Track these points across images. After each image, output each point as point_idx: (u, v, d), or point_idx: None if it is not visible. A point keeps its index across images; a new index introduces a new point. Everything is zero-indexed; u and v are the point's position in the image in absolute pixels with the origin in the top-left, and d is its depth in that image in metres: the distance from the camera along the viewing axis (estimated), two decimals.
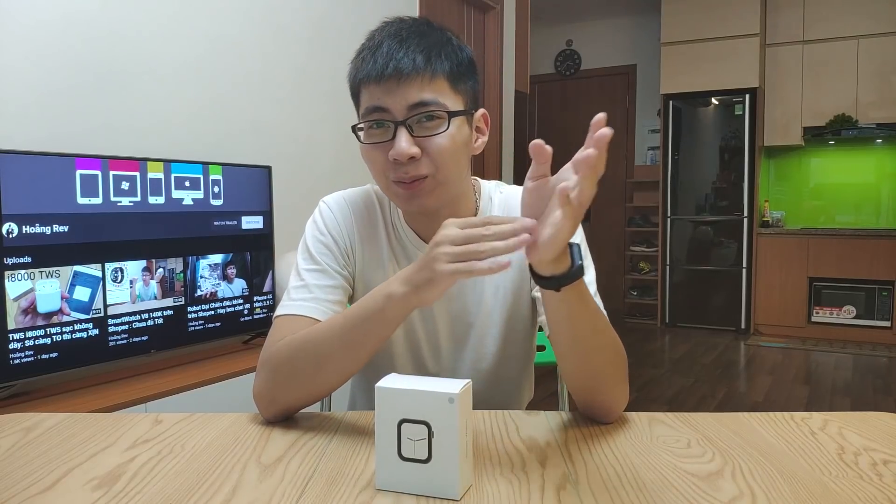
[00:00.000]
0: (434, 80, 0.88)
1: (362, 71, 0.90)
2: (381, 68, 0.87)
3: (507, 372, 1.06)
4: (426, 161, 0.89)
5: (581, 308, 0.79)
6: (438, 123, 0.89)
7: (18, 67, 1.78)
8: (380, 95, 0.88)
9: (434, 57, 0.89)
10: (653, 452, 0.75)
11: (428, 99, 0.87)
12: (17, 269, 1.58)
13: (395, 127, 0.87)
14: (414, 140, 0.88)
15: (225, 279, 2.12)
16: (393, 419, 0.64)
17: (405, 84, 0.87)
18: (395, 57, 0.87)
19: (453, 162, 0.91)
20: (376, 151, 0.90)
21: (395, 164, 0.88)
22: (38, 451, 0.76)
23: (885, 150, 5.34)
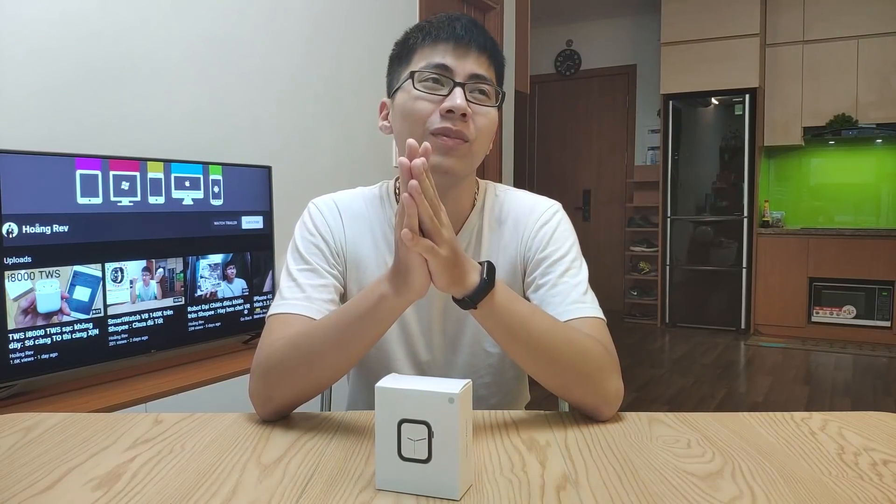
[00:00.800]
0: (490, 64, 0.97)
1: (433, 33, 0.95)
2: (459, 34, 0.94)
3: (503, 373, 1.06)
4: (470, 125, 0.93)
5: (510, 315, 0.83)
6: (487, 99, 0.96)
7: (18, 67, 1.78)
8: (448, 56, 0.93)
9: (495, 49, 0.98)
10: (653, 452, 0.75)
11: (486, 76, 0.95)
12: (17, 269, 1.58)
13: (454, 86, 0.92)
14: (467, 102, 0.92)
15: (225, 279, 2.12)
16: (393, 419, 0.64)
17: (474, 55, 0.94)
18: (472, 31, 0.95)
19: (486, 140, 0.97)
20: (424, 102, 0.93)
21: (447, 117, 0.92)
22: (38, 451, 0.76)
23: (885, 150, 5.34)
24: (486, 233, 1.04)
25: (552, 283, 0.97)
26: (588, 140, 6.45)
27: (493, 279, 0.81)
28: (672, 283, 5.66)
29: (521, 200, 1.06)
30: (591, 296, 0.97)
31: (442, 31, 0.94)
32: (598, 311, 0.95)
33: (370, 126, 3.08)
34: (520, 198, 1.06)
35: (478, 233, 1.04)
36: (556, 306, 0.93)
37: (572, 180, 6.52)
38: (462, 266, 0.78)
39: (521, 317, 0.83)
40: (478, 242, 1.03)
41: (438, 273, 0.76)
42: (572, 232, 1.03)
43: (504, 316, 0.82)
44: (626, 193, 6.27)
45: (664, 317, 5.70)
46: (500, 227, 1.04)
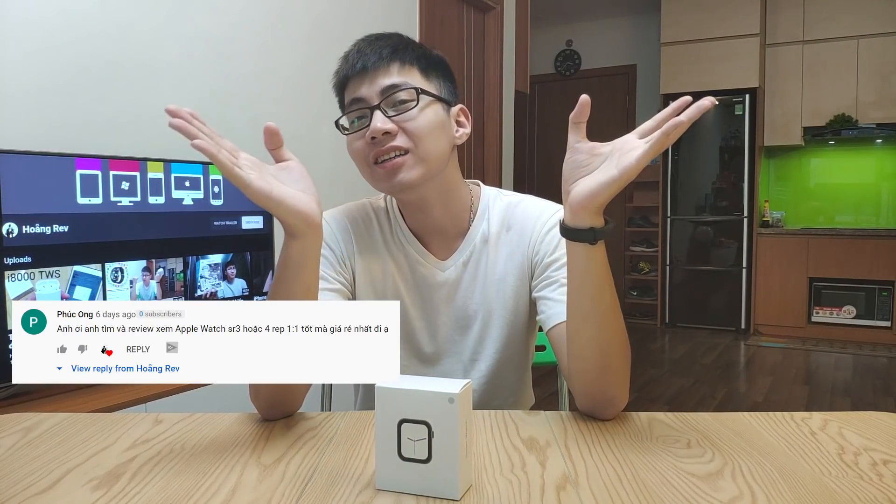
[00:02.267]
0: (403, 68, 0.97)
1: (339, 74, 1.01)
2: (352, 64, 0.98)
3: (506, 376, 1.06)
4: (402, 136, 0.95)
5: (606, 272, 0.82)
6: (409, 103, 0.96)
7: (18, 66, 1.78)
8: (355, 88, 0.98)
9: (401, 49, 0.98)
10: (653, 452, 0.75)
11: (397, 81, 0.96)
12: (17, 269, 1.58)
13: (371, 112, 0.95)
14: (389, 119, 0.94)
15: (225, 279, 2.12)
16: (393, 419, 0.64)
17: (373, 73, 0.96)
18: (364, 53, 0.97)
19: (430, 139, 0.96)
20: (358, 140, 0.97)
21: (374, 143, 0.94)
22: (38, 451, 0.76)
23: (885, 150, 5.34)
24: (494, 239, 1.04)
25: (560, 283, 0.97)
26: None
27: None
28: (672, 283, 5.66)
29: (529, 206, 1.06)
30: None
31: (346, 67, 0.99)
32: None
33: None
34: (527, 204, 1.07)
35: (483, 238, 1.04)
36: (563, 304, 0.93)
37: None
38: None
39: (611, 279, 0.83)
40: (483, 248, 1.04)
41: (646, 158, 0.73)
42: None
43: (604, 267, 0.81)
44: (626, 193, 6.26)
45: (664, 317, 5.70)
46: (508, 233, 1.04)
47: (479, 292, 1.03)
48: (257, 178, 0.81)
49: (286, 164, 0.87)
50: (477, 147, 4.03)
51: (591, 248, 0.79)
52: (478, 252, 1.04)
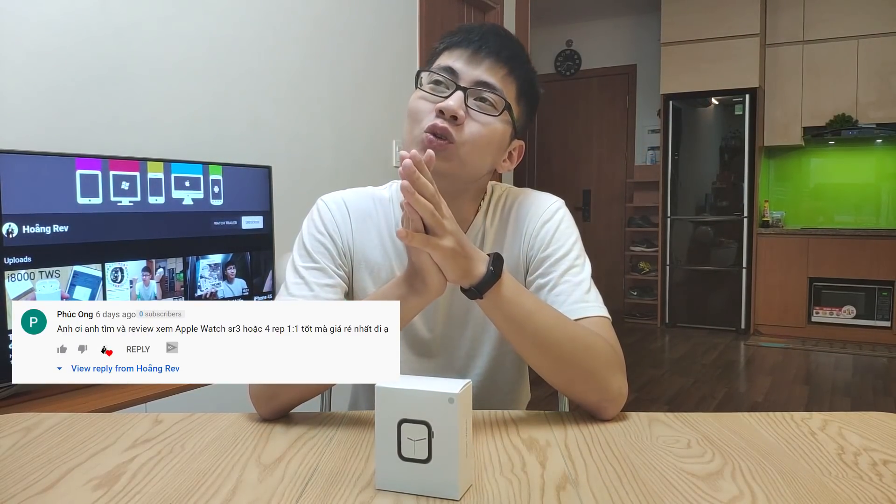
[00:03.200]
0: (507, 78, 0.95)
1: (455, 39, 0.96)
2: (476, 44, 0.94)
3: (503, 374, 1.06)
4: (460, 131, 0.92)
5: (518, 307, 0.84)
6: (490, 109, 0.94)
7: (19, 67, 1.78)
8: (458, 61, 0.94)
9: (516, 60, 0.96)
10: (653, 452, 0.75)
11: (494, 84, 0.93)
12: (17, 269, 1.58)
13: (455, 90, 0.92)
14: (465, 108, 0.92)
15: (225, 279, 2.12)
16: (393, 419, 0.64)
17: (485, 64, 0.94)
18: (490, 42, 0.94)
19: (481, 149, 0.94)
20: (424, 101, 0.94)
21: (434, 116, 0.92)
22: (38, 451, 0.76)
23: (885, 150, 5.34)
24: (490, 233, 1.03)
25: (554, 282, 0.96)
26: (588, 140, 6.45)
27: (499, 270, 0.82)
28: (672, 283, 5.66)
29: (524, 199, 1.05)
30: (595, 294, 0.96)
31: (461, 37, 0.96)
32: (602, 310, 0.94)
33: (370, 126, 3.08)
34: (522, 196, 1.06)
35: (482, 235, 1.04)
36: (559, 306, 0.93)
37: (572, 180, 6.52)
38: (469, 256, 0.81)
39: (527, 310, 0.84)
40: (483, 242, 1.03)
41: (444, 265, 0.79)
42: (574, 229, 1.03)
43: (510, 308, 0.83)
44: (626, 193, 6.27)
45: (664, 317, 5.70)
46: (504, 227, 1.04)
47: None
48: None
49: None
50: None
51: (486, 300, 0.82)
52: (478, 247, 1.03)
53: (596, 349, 0.87)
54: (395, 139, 3.20)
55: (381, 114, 3.12)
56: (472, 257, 0.81)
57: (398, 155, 3.22)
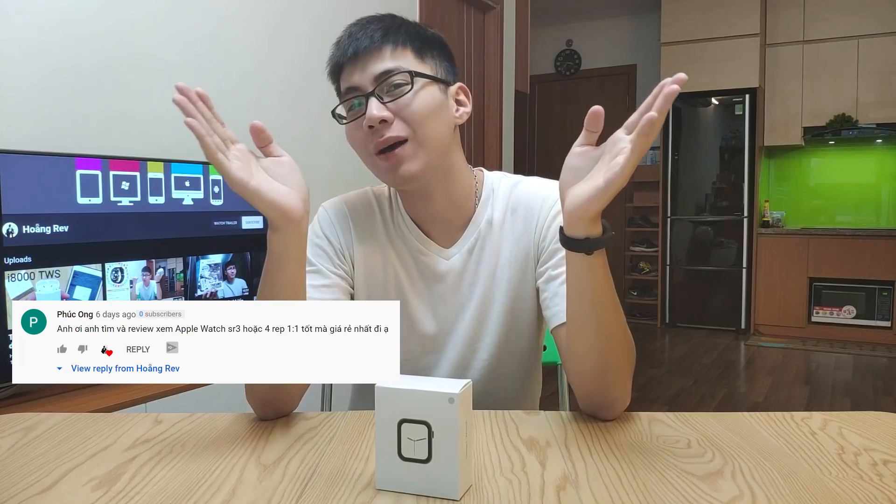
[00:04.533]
0: (396, 51, 0.93)
1: (332, 61, 0.98)
2: (343, 50, 0.95)
3: (510, 368, 1.05)
4: (400, 123, 0.92)
5: (605, 278, 0.81)
6: (404, 88, 0.92)
7: (18, 67, 1.78)
8: (349, 75, 0.95)
9: (393, 32, 0.94)
10: (653, 452, 0.75)
11: (390, 66, 0.92)
12: (17, 269, 1.58)
13: (366, 99, 0.92)
14: (385, 106, 0.91)
15: (225, 279, 2.12)
16: (393, 419, 0.64)
17: (367, 58, 0.93)
18: (355, 37, 0.94)
19: (429, 123, 0.93)
20: (356, 129, 0.94)
21: (372, 132, 0.92)
22: (38, 451, 0.76)
23: (885, 150, 5.34)
24: (499, 223, 1.02)
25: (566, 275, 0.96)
26: None
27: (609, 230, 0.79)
28: (672, 283, 5.66)
29: (535, 187, 1.04)
30: None
31: (339, 53, 0.96)
32: None
33: None
34: (533, 186, 1.05)
35: (488, 223, 1.02)
36: None
37: None
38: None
39: (612, 286, 0.82)
40: (489, 233, 1.02)
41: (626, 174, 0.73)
42: None
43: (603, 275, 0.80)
44: (626, 193, 6.26)
45: (664, 317, 5.70)
46: (514, 217, 1.02)
47: (484, 279, 1.01)
48: (238, 168, 0.79)
49: (278, 158, 0.86)
50: (477, 147, 4.03)
51: (589, 258, 0.78)
52: (483, 238, 1.02)
53: (632, 350, 0.87)
54: None
55: None
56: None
57: None
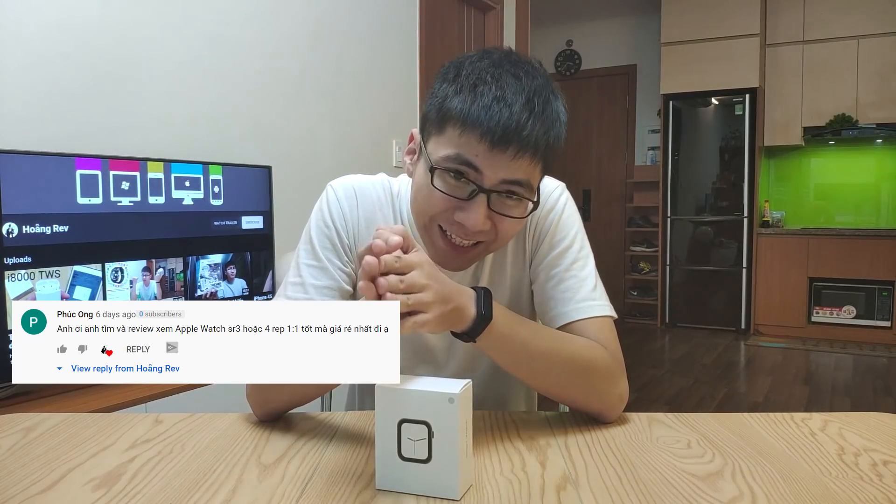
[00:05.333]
0: (532, 162, 0.80)
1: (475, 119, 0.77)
2: (501, 131, 0.76)
3: None
4: (491, 232, 0.84)
5: (509, 345, 0.81)
6: (518, 206, 0.83)
7: (18, 67, 1.78)
8: (481, 154, 0.78)
9: (552, 142, 0.81)
10: (653, 452, 0.75)
11: (523, 180, 0.81)
12: (17, 269, 1.58)
13: (477, 192, 0.80)
14: (490, 214, 0.81)
15: (225, 279, 2.12)
16: (393, 419, 0.64)
17: (514, 160, 0.78)
18: (519, 125, 0.77)
19: (509, 238, 0.89)
20: (441, 200, 0.82)
21: (458, 226, 0.83)
22: (38, 451, 0.76)
23: (885, 150, 5.34)
24: None
25: (559, 277, 0.95)
26: (588, 140, 6.45)
27: (490, 309, 0.77)
28: (672, 283, 5.66)
29: None
30: (601, 290, 0.96)
31: (483, 115, 0.77)
32: (607, 309, 0.94)
33: (370, 126, 3.08)
34: None
35: None
36: (566, 304, 0.92)
37: (572, 180, 6.49)
38: (457, 306, 0.74)
39: (522, 341, 0.82)
40: None
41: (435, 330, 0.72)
42: (577, 216, 1.00)
43: (504, 343, 0.80)
44: (626, 193, 6.26)
45: (664, 317, 5.70)
46: None
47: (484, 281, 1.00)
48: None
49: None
50: None
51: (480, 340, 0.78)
52: None
53: (595, 364, 0.86)
54: (395, 139, 3.20)
55: (381, 113, 3.12)
56: (460, 305, 0.74)
57: (398, 158, 3.22)
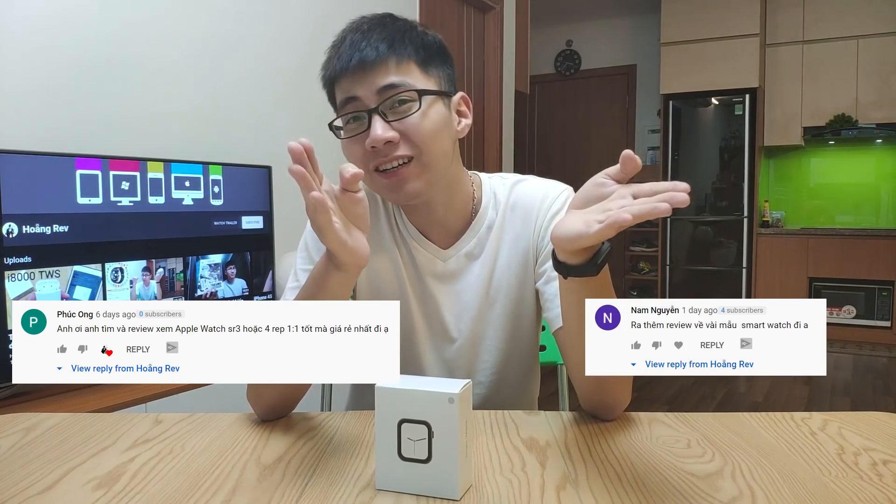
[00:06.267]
0: (400, 65, 0.89)
1: (329, 68, 0.93)
2: (346, 60, 0.89)
3: (512, 370, 1.05)
4: (405, 144, 0.89)
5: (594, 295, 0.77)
6: (411, 105, 0.89)
7: (18, 66, 1.78)
8: (349, 87, 0.90)
9: (398, 43, 0.90)
10: (653, 452, 0.75)
11: (396, 81, 0.88)
12: (17, 269, 1.58)
13: (369, 116, 0.89)
14: (389, 125, 0.88)
15: (225, 279, 2.12)
16: (393, 419, 0.64)
17: (371, 71, 0.88)
18: (358, 48, 0.89)
19: (434, 142, 0.91)
20: (355, 145, 0.91)
21: (375, 152, 0.89)
22: (38, 451, 0.76)
23: (885, 150, 5.34)
24: (499, 226, 1.02)
25: None
26: (588, 140, 6.45)
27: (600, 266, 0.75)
28: (672, 283, 5.66)
29: (532, 187, 1.03)
30: None
31: (332, 62, 0.92)
32: None
33: None
34: (530, 184, 1.04)
35: (488, 227, 1.02)
36: None
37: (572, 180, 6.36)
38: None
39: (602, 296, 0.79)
40: (487, 236, 1.02)
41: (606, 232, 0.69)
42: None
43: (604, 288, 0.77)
44: None
45: None
46: (513, 216, 1.02)
47: (483, 282, 1.01)
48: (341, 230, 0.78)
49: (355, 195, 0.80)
50: (477, 147, 4.03)
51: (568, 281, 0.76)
52: (482, 242, 1.01)
53: None
54: None
55: None
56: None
57: None
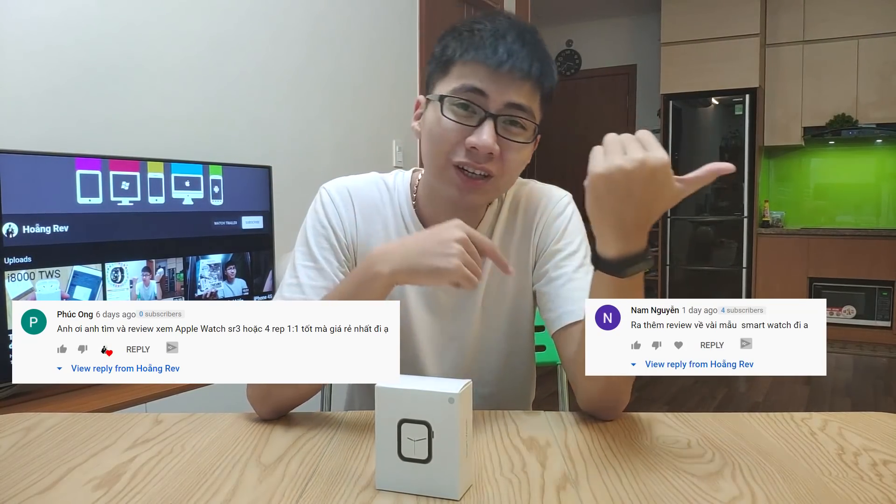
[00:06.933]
0: (535, 91, 0.89)
1: (476, 51, 0.87)
2: (501, 57, 0.86)
3: (513, 371, 1.05)
4: (497, 162, 0.88)
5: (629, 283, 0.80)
6: (522, 133, 0.89)
7: (18, 67, 1.78)
8: (486, 80, 0.86)
9: (546, 71, 0.89)
10: (653, 452, 0.75)
11: (525, 105, 0.88)
12: (17, 269, 1.58)
13: (486, 118, 0.87)
14: (497, 138, 0.87)
15: (225, 279, 2.12)
16: (393, 419, 0.64)
17: (511, 82, 0.86)
18: (518, 54, 0.86)
19: (515, 174, 0.93)
20: (452, 131, 0.88)
21: (470, 152, 0.87)
22: (38, 451, 0.76)
23: (885, 150, 5.34)
24: (500, 227, 1.02)
25: (569, 276, 0.96)
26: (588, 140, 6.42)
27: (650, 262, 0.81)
28: (672, 283, 5.66)
29: (533, 190, 1.04)
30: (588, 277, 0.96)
31: (483, 47, 0.86)
32: None
33: (370, 126, 3.08)
34: (531, 187, 1.05)
35: (492, 229, 1.02)
36: (577, 302, 0.92)
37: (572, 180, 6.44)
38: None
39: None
40: (490, 235, 1.01)
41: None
42: (583, 226, 1.01)
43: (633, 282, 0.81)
44: None
45: None
46: (514, 218, 1.02)
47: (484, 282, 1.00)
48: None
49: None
50: None
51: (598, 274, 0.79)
52: None
53: None
54: (395, 139, 3.20)
55: (381, 113, 3.12)
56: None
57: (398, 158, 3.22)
